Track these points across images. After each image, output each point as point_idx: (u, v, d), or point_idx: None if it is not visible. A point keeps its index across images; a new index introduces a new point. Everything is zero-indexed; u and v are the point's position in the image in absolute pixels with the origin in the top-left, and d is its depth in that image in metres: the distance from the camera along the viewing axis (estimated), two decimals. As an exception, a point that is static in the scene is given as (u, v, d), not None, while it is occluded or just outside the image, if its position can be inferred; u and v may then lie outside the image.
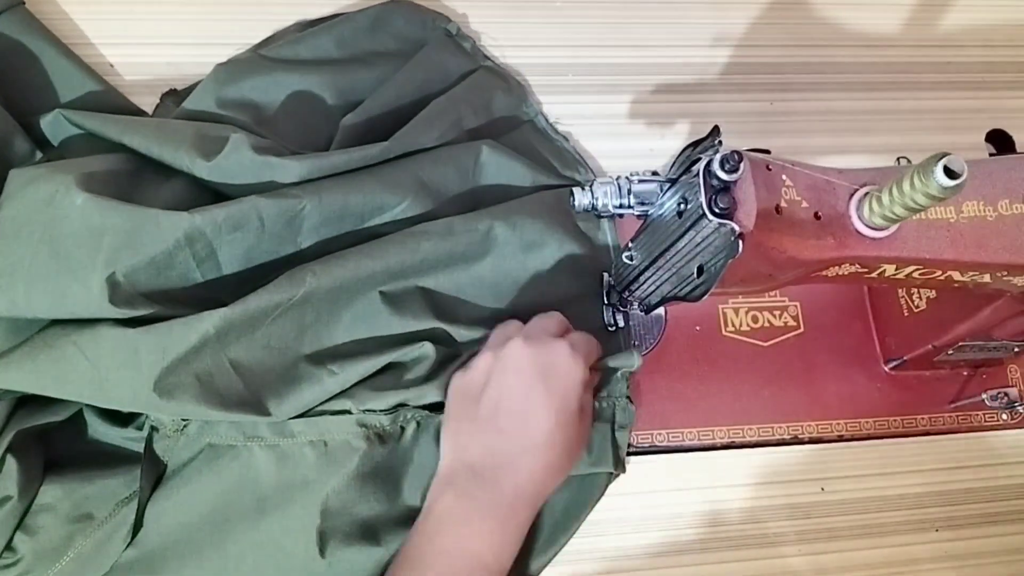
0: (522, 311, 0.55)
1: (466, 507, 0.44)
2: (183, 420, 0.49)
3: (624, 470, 0.53)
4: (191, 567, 0.47)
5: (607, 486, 0.53)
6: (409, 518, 0.48)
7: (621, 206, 0.44)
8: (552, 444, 0.45)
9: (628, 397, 0.54)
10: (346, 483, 0.48)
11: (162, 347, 0.45)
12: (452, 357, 0.52)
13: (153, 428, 0.48)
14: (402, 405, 0.50)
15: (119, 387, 0.45)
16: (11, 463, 0.45)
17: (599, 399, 0.54)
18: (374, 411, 0.49)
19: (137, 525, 0.47)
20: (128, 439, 0.49)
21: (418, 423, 0.50)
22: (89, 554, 0.46)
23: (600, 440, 0.53)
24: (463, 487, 0.44)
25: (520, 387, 0.45)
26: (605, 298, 0.56)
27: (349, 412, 0.49)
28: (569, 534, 0.51)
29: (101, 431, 0.49)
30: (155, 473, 0.48)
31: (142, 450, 0.48)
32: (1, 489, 0.45)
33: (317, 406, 0.49)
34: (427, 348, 0.51)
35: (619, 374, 0.54)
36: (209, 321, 0.46)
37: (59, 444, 0.49)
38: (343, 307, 0.51)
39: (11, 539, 0.45)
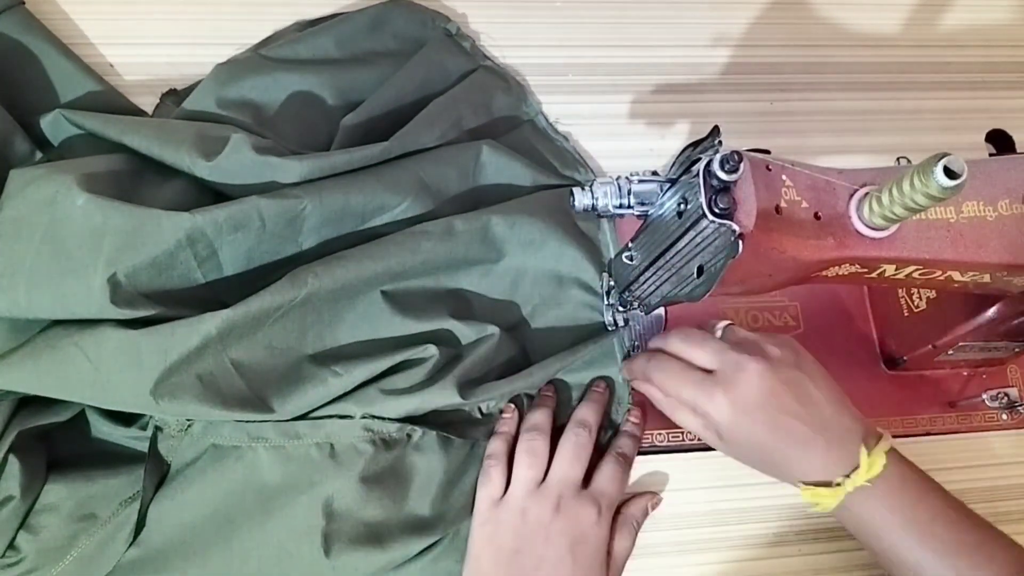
0: (522, 311, 0.55)
1: None
2: (187, 420, 0.49)
3: None
4: (195, 567, 0.47)
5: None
6: (414, 525, 0.48)
7: (621, 206, 0.44)
8: None
9: (632, 404, 0.55)
10: (351, 485, 0.48)
11: (164, 348, 0.45)
12: (456, 357, 0.52)
13: (157, 428, 0.48)
14: (410, 418, 0.50)
15: (121, 388, 0.45)
16: (13, 463, 0.45)
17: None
18: (381, 418, 0.49)
19: (140, 525, 0.47)
20: (132, 439, 0.49)
21: (424, 432, 0.50)
22: (92, 554, 0.46)
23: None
24: None
25: (551, 559, 0.47)
26: (605, 298, 0.56)
27: (354, 417, 0.49)
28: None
29: (104, 431, 0.49)
30: (159, 473, 0.48)
31: (146, 450, 0.48)
32: (4, 489, 0.45)
33: (322, 407, 0.49)
34: (431, 350, 0.50)
35: (621, 381, 0.55)
36: (211, 322, 0.46)
37: (62, 444, 0.49)
38: (345, 308, 0.51)
39: (14, 538, 0.46)
